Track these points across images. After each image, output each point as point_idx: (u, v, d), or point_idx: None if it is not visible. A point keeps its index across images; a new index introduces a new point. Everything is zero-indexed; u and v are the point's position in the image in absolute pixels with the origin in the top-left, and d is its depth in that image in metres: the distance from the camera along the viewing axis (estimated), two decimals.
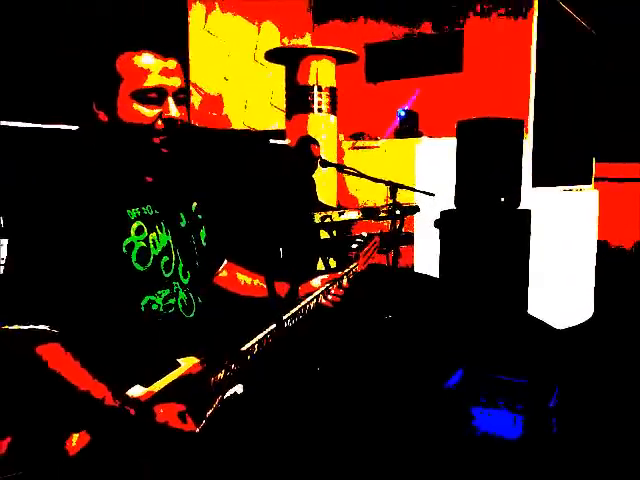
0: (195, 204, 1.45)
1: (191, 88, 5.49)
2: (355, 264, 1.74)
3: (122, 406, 1.10)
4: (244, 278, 1.63)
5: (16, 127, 2.77)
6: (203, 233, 1.46)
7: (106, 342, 1.21)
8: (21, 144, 2.76)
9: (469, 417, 2.31)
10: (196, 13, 5.53)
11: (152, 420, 1.09)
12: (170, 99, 1.22)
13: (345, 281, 1.68)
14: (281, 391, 1.61)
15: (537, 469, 2.07)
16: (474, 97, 5.05)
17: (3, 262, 1.94)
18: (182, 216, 1.39)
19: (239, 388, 1.38)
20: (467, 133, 3.32)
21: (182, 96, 1.26)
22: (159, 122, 1.22)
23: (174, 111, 1.22)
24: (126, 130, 1.21)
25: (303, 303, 1.53)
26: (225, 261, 1.62)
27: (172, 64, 1.23)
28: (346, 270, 1.70)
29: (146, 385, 1.15)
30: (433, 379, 2.75)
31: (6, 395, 1.23)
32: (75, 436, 1.08)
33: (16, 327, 1.12)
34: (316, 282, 1.64)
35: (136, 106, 1.20)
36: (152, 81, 1.19)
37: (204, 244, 1.45)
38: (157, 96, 1.21)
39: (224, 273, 1.62)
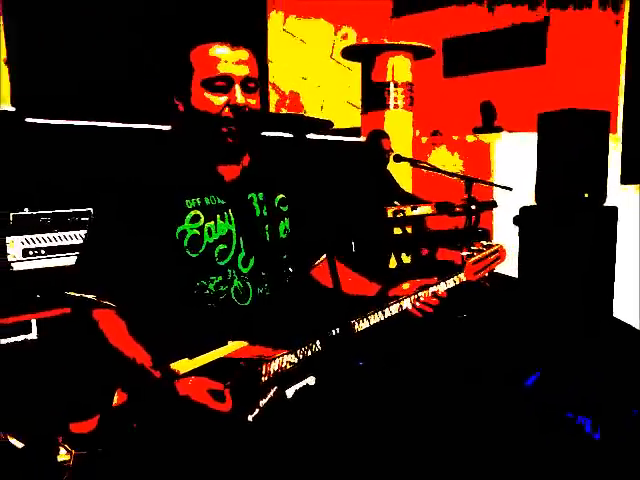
0: (281, 196, 1.46)
1: (270, 88, 5.61)
2: (460, 273, 1.52)
3: (150, 368, 1.16)
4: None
5: (105, 127, 2.96)
6: (284, 225, 1.45)
7: (160, 318, 1.30)
8: (107, 142, 2.94)
9: (547, 417, 2.22)
10: (275, 16, 5.65)
11: (175, 389, 1.14)
12: (237, 87, 1.26)
13: (442, 289, 1.48)
14: (351, 387, 1.58)
15: (616, 472, 1.96)
16: (557, 90, 4.83)
17: None
18: (256, 206, 1.40)
19: (311, 380, 1.35)
20: (549, 125, 3.19)
21: (252, 85, 1.29)
22: (226, 110, 1.26)
23: (240, 98, 1.26)
24: (199, 119, 1.28)
25: (384, 307, 1.41)
26: (324, 255, 1.57)
27: (242, 54, 1.28)
28: (446, 277, 1.50)
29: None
30: (509, 379, 2.66)
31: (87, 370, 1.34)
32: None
33: (75, 294, 1.26)
34: (407, 286, 1.48)
35: (206, 94, 1.26)
36: (219, 69, 1.25)
37: (283, 236, 1.44)
38: (225, 84, 1.26)
39: (320, 265, 1.60)
